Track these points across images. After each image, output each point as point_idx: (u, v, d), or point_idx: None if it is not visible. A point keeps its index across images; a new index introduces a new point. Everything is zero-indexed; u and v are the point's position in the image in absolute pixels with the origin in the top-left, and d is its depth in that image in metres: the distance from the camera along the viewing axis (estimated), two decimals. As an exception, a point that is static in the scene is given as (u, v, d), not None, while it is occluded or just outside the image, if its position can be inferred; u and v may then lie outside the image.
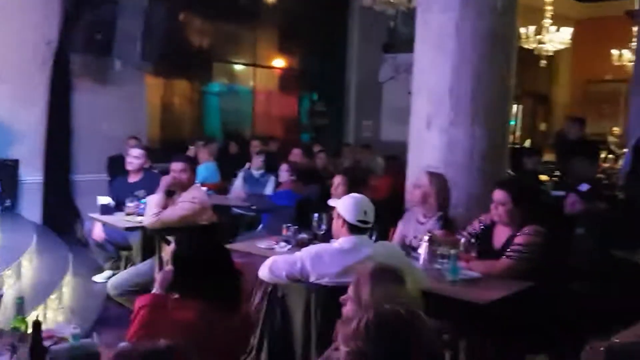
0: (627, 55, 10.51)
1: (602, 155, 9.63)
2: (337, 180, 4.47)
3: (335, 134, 10.20)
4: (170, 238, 3.89)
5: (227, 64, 9.53)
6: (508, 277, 3.13)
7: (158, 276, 2.17)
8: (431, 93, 4.30)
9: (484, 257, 3.28)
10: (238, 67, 9.72)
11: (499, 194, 3.33)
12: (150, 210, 4.25)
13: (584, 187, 5.06)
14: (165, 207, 4.24)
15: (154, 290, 2.17)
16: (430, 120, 4.30)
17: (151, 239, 4.42)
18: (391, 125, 9.48)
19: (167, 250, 2.22)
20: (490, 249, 3.34)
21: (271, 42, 9.91)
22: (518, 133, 12.41)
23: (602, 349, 1.92)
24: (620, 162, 8.04)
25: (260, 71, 9.78)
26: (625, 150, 7.96)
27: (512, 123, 10.82)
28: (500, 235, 3.36)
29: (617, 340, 2.01)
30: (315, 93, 10.34)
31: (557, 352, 3.30)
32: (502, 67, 4.30)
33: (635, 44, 8.19)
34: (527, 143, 11.54)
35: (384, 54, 9.90)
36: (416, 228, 3.79)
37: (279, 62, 10.08)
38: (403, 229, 3.88)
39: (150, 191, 4.46)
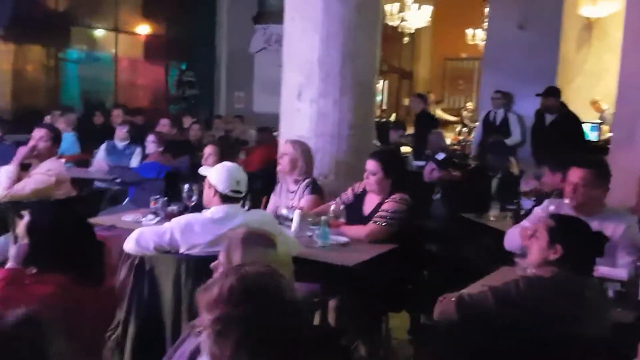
0: (480, 34, 11.33)
1: (457, 128, 10.43)
2: (208, 150, 4.41)
3: (206, 106, 9.99)
4: (24, 212, 3.62)
5: (86, 28, 8.92)
6: (374, 240, 3.30)
7: (12, 250, 2.02)
8: (301, 64, 4.35)
9: (353, 223, 3.43)
10: (98, 33, 9.14)
11: (371, 164, 3.49)
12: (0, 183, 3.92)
13: (440, 156, 5.54)
14: (18, 179, 3.94)
15: (8, 265, 2.02)
16: (301, 92, 4.36)
17: (4, 214, 4.09)
18: (264, 96, 9.46)
19: (20, 224, 2.06)
20: (360, 216, 3.50)
21: (134, 6, 9.40)
22: (384, 107, 12.96)
23: (453, 299, 2.12)
24: (473, 134, 8.74)
25: (123, 37, 9.26)
26: (476, 123, 8.66)
27: (379, 98, 11.29)
28: (370, 202, 3.53)
29: (466, 291, 2.22)
30: (184, 63, 10.01)
31: (416, 308, 3.57)
32: (368, 41, 4.46)
33: (487, 24, 8.83)
34: (393, 117, 12.11)
35: (254, 25, 9.80)
36: (287, 197, 3.87)
37: (144, 28, 9.60)
38: (275, 200, 3.93)
39: (1, 163, 4.11)
